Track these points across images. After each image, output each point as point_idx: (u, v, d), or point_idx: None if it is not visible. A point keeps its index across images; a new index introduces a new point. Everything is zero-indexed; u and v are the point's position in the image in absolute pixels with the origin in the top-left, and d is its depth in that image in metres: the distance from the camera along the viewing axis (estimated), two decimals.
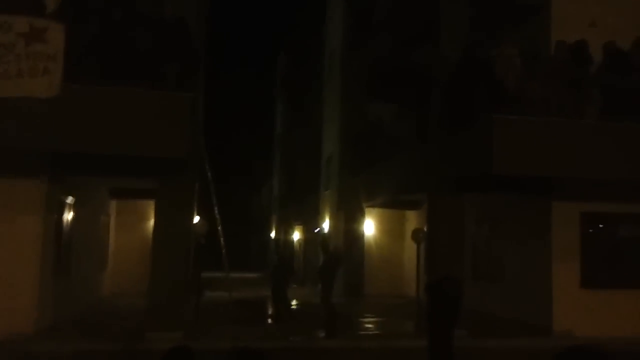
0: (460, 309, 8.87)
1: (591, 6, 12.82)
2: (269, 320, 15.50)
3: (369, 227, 20.38)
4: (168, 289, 11.22)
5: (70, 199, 12.89)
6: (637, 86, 10.66)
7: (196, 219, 23.14)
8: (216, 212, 15.82)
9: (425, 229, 13.25)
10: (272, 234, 39.76)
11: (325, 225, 23.48)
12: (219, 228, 23.94)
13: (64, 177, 11.60)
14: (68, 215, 13.07)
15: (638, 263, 12.60)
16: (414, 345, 10.21)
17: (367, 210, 20.51)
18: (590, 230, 12.63)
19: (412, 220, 19.32)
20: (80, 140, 9.25)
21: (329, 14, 23.91)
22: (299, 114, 30.46)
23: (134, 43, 8.98)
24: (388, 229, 19.90)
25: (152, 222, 15.25)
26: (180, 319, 11.37)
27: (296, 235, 31.47)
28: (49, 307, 11.59)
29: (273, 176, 40.53)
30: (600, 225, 12.73)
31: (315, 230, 23.23)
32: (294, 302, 17.33)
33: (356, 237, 19.69)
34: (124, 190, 17.63)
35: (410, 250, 17.42)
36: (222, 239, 24.89)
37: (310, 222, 26.83)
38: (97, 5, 9.35)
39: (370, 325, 14.48)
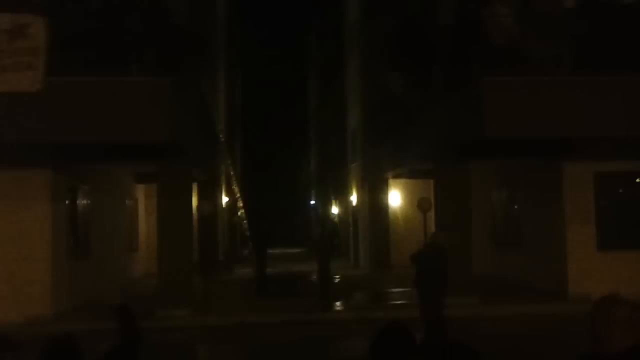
0: (445, 276, 8.72)
1: None
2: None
3: (394, 198, 20.15)
4: (175, 269, 11.49)
5: (83, 185, 13.29)
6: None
7: (225, 199, 23.60)
8: (237, 193, 16.03)
9: (431, 198, 13.01)
10: (313, 209, 39.96)
11: (353, 198, 23.40)
12: (240, 211, 24.15)
13: (69, 165, 11.94)
14: (83, 201, 13.49)
15: None
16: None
17: (392, 181, 20.29)
18: (605, 191, 12.12)
19: None
20: (63, 130, 9.49)
21: None
22: (328, 89, 30.27)
23: (112, 31, 9.06)
24: (413, 199, 19.65)
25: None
26: (189, 297, 11.64)
27: (335, 209, 31.55)
28: (65, 289, 12.06)
29: (311, 151, 40.59)
30: (615, 185, 12.20)
31: (312, 204, 23.30)
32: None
33: (380, 208, 19.52)
34: (147, 175, 18.03)
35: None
36: (244, 219, 25.15)
37: (342, 196, 26.79)
38: None
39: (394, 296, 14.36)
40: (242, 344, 10.20)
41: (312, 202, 40.00)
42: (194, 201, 17.37)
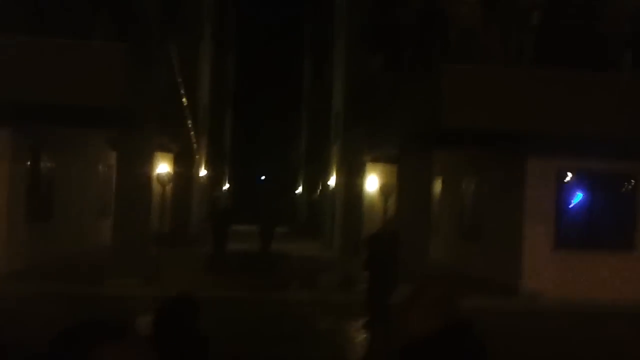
0: (395, 263, 8.75)
1: None
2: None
3: (371, 182, 20.13)
4: (130, 238, 11.49)
5: (46, 147, 13.23)
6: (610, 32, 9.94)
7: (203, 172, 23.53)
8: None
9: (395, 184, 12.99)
10: (299, 190, 39.97)
11: (332, 181, 23.38)
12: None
13: (30, 126, 11.88)
14: (47, 163, 13.45)
15: (615, 224, 12.01)
16: None
17: (370, 165, 20.25)
18: (566, 189, 12.09)
19: None
20: (23, 89, 9.43)
21: None
22: (319, 71, 30.13)
23: None
24: (390, 184, 19.64)
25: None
26: (141, 268, 11.64)
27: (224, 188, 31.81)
28: (20, 249, 12.07)
29: (302, 132, 40.48)
30: (577, 184, 12.16)
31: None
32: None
33: (356, 192, 19.51)
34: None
35: None
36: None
37: (325, 178, 26.78)
38: None
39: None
40: None
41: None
42: (169, 171, 17.38)
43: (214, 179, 25.73)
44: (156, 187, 15.01)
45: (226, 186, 37.03)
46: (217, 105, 27.86)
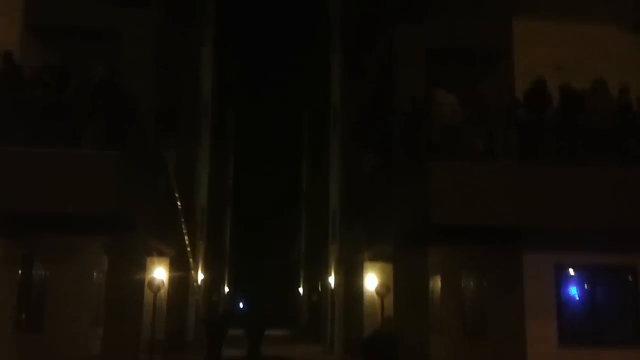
0: None
1: (555, 51, 12.50)
2: None
3: (371, 282, 19.82)
4: (120, 350, 11.13)
5: (40, 255, 13.12)
6: (593, 127, 10.14)
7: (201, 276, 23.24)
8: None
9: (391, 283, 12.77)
10: (301, 290, 39.38)
11: (331, 281, 23.04)
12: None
13: (23, 234, 11.85)
14: (40, 272, 13.28)
15: (619, 318, 11.67)
16: None
17: (368, 264, 20.03)
18: (566, 284, 11.85)
19: None
20: (13, 199, 9.49)
21: (332, 67, 24.22)
22: (317, 170, 30.59)
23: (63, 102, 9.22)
24: (387, 284, 19.32)
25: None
26: None
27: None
28: None
29: (301, 232, 40.43)
30: (577, 278, 11.94)
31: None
32: None
33: (355, 292, 19.15)
34: None
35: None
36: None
37: (324, 278, 26.42)
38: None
39: None
40: None
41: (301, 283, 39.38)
42: (166, 277, 17.14)
43: (213, 283, 25.38)
44: (149, 294, 14.74)
45: (226, 289, 36.50)
46: (216, 207, 28.01)
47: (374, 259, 18.88)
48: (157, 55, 11.92)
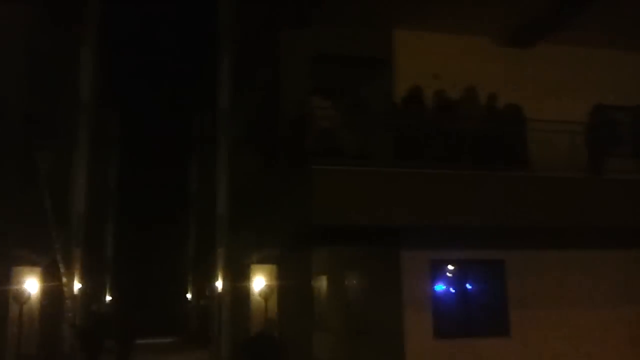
0: None
1: (434, 60, 13.23)
2: None
3: (258, 284, 19.88)
4: None
5: None
6: (461, 132, 10.85)
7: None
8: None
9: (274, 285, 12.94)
10: (189, 295, 38.70)
11: (219, 284, 22.87)
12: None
13: None
14: None
15: (489, 309, 12.55)
16: None
17: (256, 267, 20.08)
18: (441, 278, 12.58)
19: None
20: None
21: (222, 70, 24.05)
22: (206, 173, 30.27)
23: None
24: (273, 286, 19.47)
25: None
26: None
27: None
28: None
29: (190, 237, 39.77)
30: (450, 273, 12.70)
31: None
32: None
33: (242, 296, 19.11)
34: None
35: None
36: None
37: (212, 283, 26.15)
38: None
39: None
40: None
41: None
42: (37, 288, 16.20)
43: (93, 291, 24.35)
44: (14, 306, 13.91)
45: (108, 298, 35.10)
46: (97, 212, 26.91)
47: (261, 261, 18.95)
48: (29, 53, 11.32)
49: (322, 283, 16.39)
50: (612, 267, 13.24)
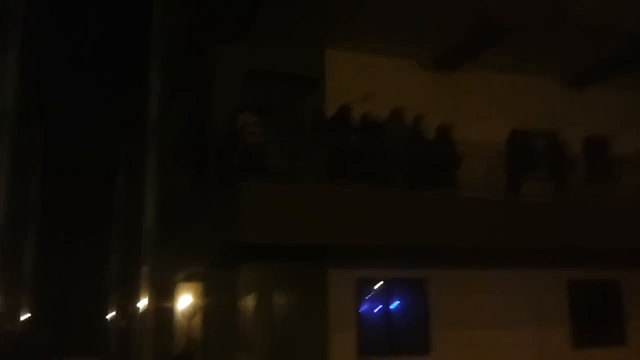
0: None
1: (364, 81, 13.45)
2: None
3: (185, 302, 19.46)
4: None
5: None
6: (386, 153, 11.06)
7: None
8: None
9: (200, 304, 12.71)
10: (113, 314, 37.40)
11: (142, 303, 22.26)
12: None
13: None
14: None
15: (411, 327, 12.74)
16: None
17: (183, 285, 19.67)
18: (365, 297, 12.68)
19: None
20: None
21: (152, 83, 23.67)
22: (132, 188, 29.52)
23: None
24: (197, 304, 19.12)
25: None
26: None
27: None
28: None
29: (115, 253, 38.55)
30: (375, 292, 12.83)
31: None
32: None
33: (167, 315, 18.67)
34: None
35: None
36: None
37: (135, 301, 25.42)
38: None
39: None
40: None
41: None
42: None
43: (7, 310, 23.14)
44: None
45: (26, 316, 33.43)
46: (13, 229, 25.70)
47: (188, 279, 18.60)
48: None
49: (249, 302, 16.21)
50: (527, 287, 13.66)
